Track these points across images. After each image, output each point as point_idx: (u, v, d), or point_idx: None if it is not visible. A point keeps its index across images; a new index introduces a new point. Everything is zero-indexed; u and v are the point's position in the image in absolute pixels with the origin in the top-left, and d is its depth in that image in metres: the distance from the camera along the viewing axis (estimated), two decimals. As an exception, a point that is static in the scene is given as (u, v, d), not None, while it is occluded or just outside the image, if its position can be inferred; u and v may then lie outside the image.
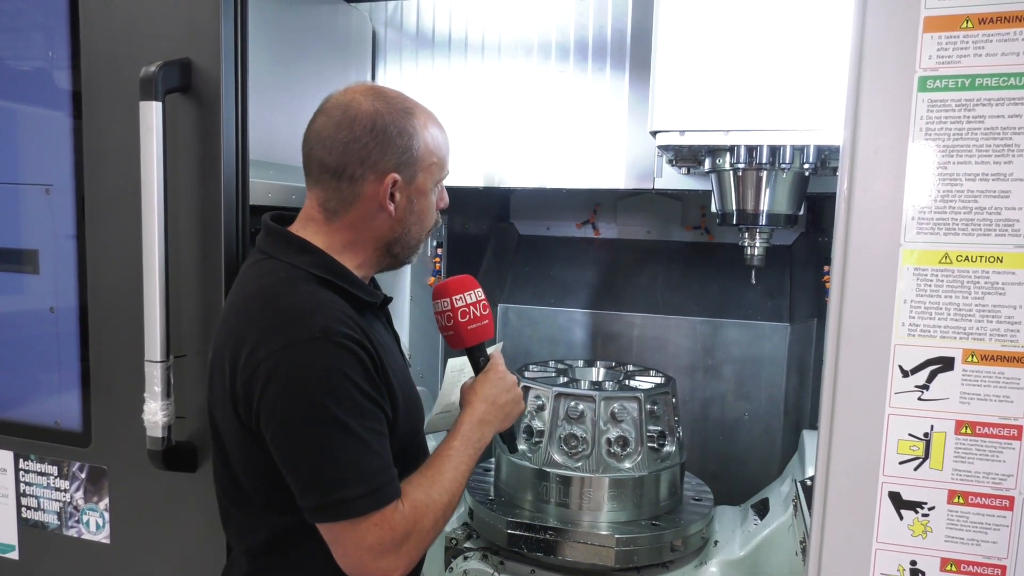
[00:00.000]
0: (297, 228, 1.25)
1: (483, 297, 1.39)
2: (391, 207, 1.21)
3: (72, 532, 1.62)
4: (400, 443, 1.22)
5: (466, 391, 1.36)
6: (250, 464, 1.18)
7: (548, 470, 1.95)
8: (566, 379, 2.14)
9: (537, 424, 2.00)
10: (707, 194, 2.09)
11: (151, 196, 1.34)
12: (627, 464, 1.94)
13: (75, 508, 1.61)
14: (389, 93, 1.24)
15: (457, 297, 1.36)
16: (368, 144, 1.17)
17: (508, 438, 1.45)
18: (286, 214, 1.30)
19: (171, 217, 1.38)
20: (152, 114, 1.29)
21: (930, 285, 1.05)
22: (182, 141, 1.38)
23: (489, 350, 1.43)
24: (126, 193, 1.41)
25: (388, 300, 1.32)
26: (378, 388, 1.15)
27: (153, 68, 1.29)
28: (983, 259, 1.03)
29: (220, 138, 1.36)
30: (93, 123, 1.46)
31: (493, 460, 2.20)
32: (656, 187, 2.09)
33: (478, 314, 1.37)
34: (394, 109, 1.20)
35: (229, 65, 1.35)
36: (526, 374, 2.12)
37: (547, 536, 1.89)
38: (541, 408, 2.00)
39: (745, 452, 2.67)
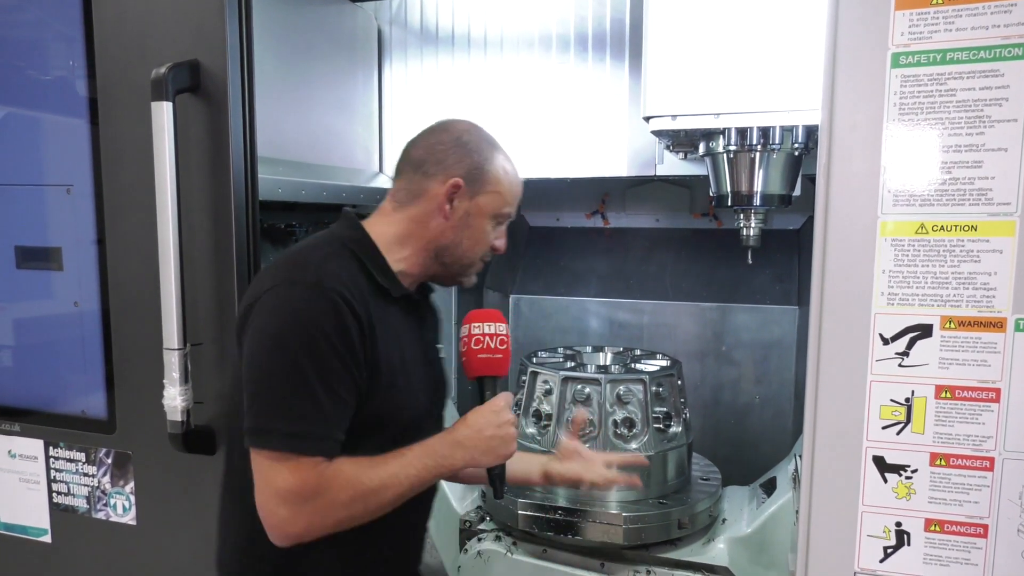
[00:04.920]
0: (367, 218, 1.35)
1: (504, 332, 1.40)
2: (447, 208, 1.30)
3: (100, 515, 1.70)
4: (382, 426, 1.25)
5: (460, 419, 1.35)
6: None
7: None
8: (573, 364, 2.19)
9: (545, 408, 2.04)
10: (712, 180, 2.11)
11: (165, 192, 1.41)
12: (634, 445, 1.97)
13: (103, 492, 1.69)
14: (484, 130, 1.38)
15: (476, 325, 1.39)
16: (449, 149, 1.31)
17: (495, 478, 1.39)
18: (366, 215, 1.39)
19: (184, 212, 1.45)
20: (163, 114, 1.36)
21: (907, 255, 1.08)
22: (193, 139, 1.45)
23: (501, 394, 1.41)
24: (142, 191, 1.49)
25: (413, 300, 1.35)
26: (353, 353, 1.17)
27: (163, 70, 1.37)
28: (958, 228, 1.06)
29: (229, 135, 1.42)
30: (109, 125, 1.54)
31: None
32: (658, 174, 2.13)
33: (492, 346, 1.38)
34: (482, 137, 1.36)
35: (235, 65, 1.42)
36: (534, 360, 2.17)
37: (557, 516, 1.94)
38: (549, 392, 2.05)
39: (757, 436, 2.69)
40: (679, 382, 2.09)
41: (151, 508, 1.65)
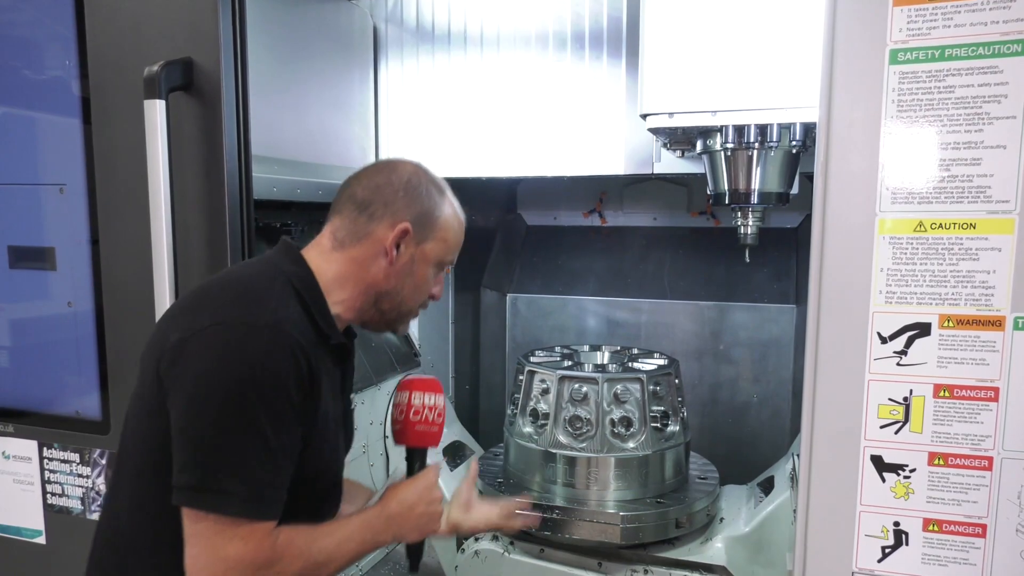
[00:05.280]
0: (304, 250, 1.27)
1: (442, 405, 1.39)
2: (393, 254, 1.23)
3: (95, 516, 1.69)
4: (315, 480, 1.19)
5: (389, 487, 1.31)
6: (152, 432, 1.10)
7: (554, 451, 1.99)
8: (571, 363, 2.18)
9: (543, 407, 2.04)
10: (709, 178, 2.10)
11: (158, 192, 1.40)
12: (631, 444, 1.97)
13: (97, 493, 1.68)
14: (431, 172, 1.31)
15: (416, 395, 1.37)
16: (397, 192, 1.24)
17: (412, 552, 1.39)
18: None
19: (178, 211, 1.44)
20: (156, 112, 1.35)
21: (906, 253, 1.07)
22: (186, 138, 1.44)
23: (430, 462, 1.41)
24: (135, 190, 1.48)
25: (345, 350, 1.27)
26: (304, 407, 1.10)
27: (156, 68, 1.36)
28: (956, 226, 1.05)
29: (222, 133, 1.41)
30: (102, 124, 1.53)
31: (503, 444, 2.24)
32: (655, 171, 2.12)
33: (430, 419, 1.37)
34: (430, 180, 1.29)
35: (229, 63, 1.41)
36: (531, 359, 2.17)
37: (555, 516, 1.93)
38: (546, 391, 2.04)
39: (755, 434, 2.69)
40: (677, 381, 2.09)
41: (146, 509, 1.64)
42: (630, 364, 2.14)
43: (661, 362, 2.13)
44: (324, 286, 1.22)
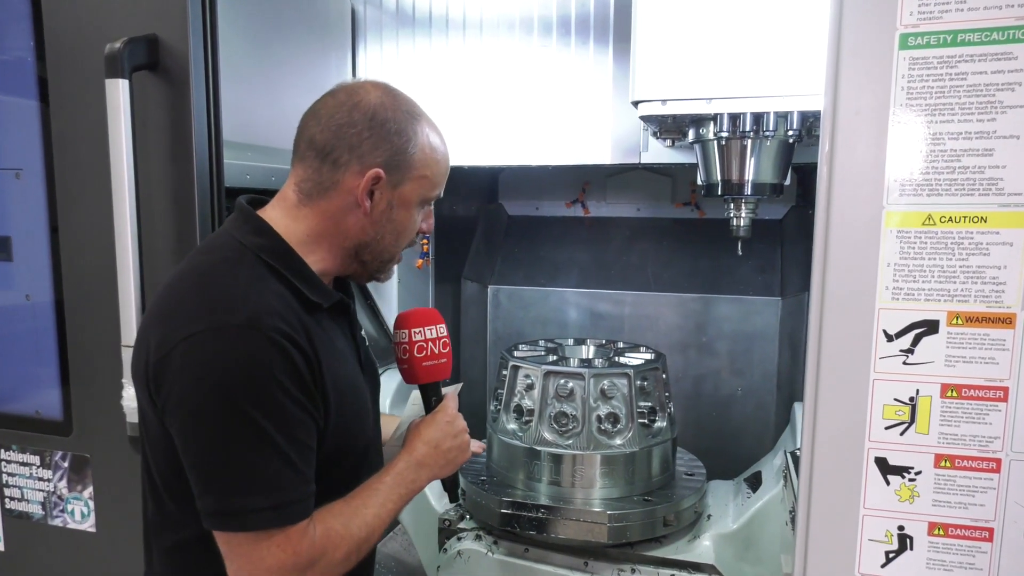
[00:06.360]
0: (267, 208, 1.17)
1: (445, 334, 1.32)
2: (367, 204, 1.12)
3: (57, 522, 1.61)
4: (342, 457, 1.14)
5: (411, 430, 1.28)
6: (159, 455, 1.08)
7: (539, 449, 1.94)
8: (556, 357, 2.13)
9: (527, 403, 1.98)
10: (695, 168, 2.06)
11: (122, 178, 1.32)
12: (618, 441, 1.92)
13: (59, 498, 1.60)
14: (401, 95, 1.17)
15: (416, 330, 1.29)
16: (362, 132, 1.10)
17: (450, 485, 1.37)
18: (267, 199, 1.22)
19: (144, 199, 1.36)
20: (119, 92, 1.27)
21: (914, 248, 1.03)
22: (152, 121, 1.36)
23: (445, 390, 1.36)
24: (97, 175, 1.39)
25: (344, 304, 1.20)
26: (309, 393, 1.04)
27: (118, 45, 1.27)
28: (967, 219, 1.01)
29: (191, 116, 1.33)
30: (60, 104, 1.44)
31: (485, 441, 2.19)
32: (642, 161, 2.07)
33: (436, 351, 1.30)
34: (400, 109, 1.14)
35: (198, 41, 1.33)
36: (515, 353, 2.11)
37: (540, 514, 1.88)
38: (530, 387, 1.99)
39: (739, 428, 2.67)
40: (664, 376, 2.05)
41: (112, 514, 1.56)
42: (616, 358, 2.10)
43: (648, 356, 2.09)
44: (298, 247, 1.13)
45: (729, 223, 1.78)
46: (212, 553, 1.04)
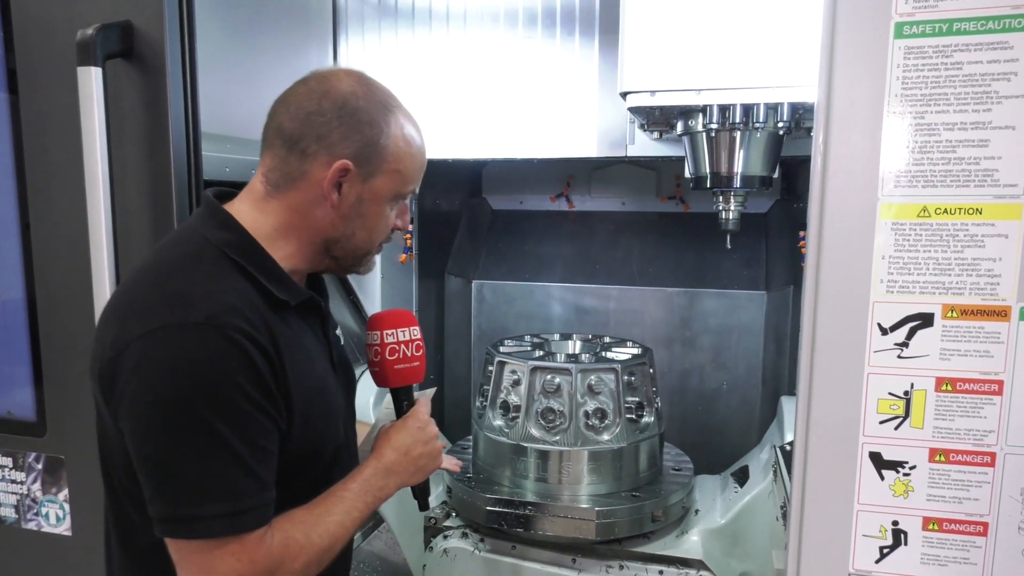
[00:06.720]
0: (235, 201, 1.12)
1: (419, 337, 1.28)
2: (334, 197, 1.07)
3: (32, 525, 1.56)
4: (309, 461, 1.10)
5: (381, 434, 1.23)
6: (116, 458, 1.03)
7: (526, 445, 1.92)
8: (542, 353, 2.11)
9: (513, 399, 1.96)
10: (681, 162, 2.05)
11: (96, 170, 1.27)
12: (605, 436, 1.91)
13: (33, 500, 1.55)
14: (376, 84, 1.12)
15: (388, 332, 1.25)
16: (331, 122, 1.05)
17: (420, 493, 1.32)
18: (236, 191, 1.16)
19: (119, 193, 1.31)
20: (91, 81, 1.21)
21: (908, 240, 1.02)
22: (127, 111, 1.31)
23: (418, 394, 1.32)
24: (70, 168, 1.34)
25: (314, 302, 1.15)
26: (270, 396, 0.98)
27: (91, 31, 1.22)
28: (962, 211, 1.00)
29: (167, 106, 1.29)
30: (30, 94, 1.38)
31: (471, 437, 2.16)
32: (629, 154, 2.05)
33: (408, 354, 1.27)
34: (373, 99, 1.09)
35: (174, 28, 1.28)
36: (501, 349, 2.08)
37: (527, 512, 1.87)
38: (517, 383, 1.96)
39: (724, 422, 2.67)
40: (651, 370, 2.03)
41: (88, 517, 1.51)
42: (603, 353, 2.08)
43: (635, 351, 2.08)
44: (265, 242, 1.07)
45: (717, 216, 1.76)
46: (172, 561, 0.99)
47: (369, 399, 2.15)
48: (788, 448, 1.72)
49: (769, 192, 2.56)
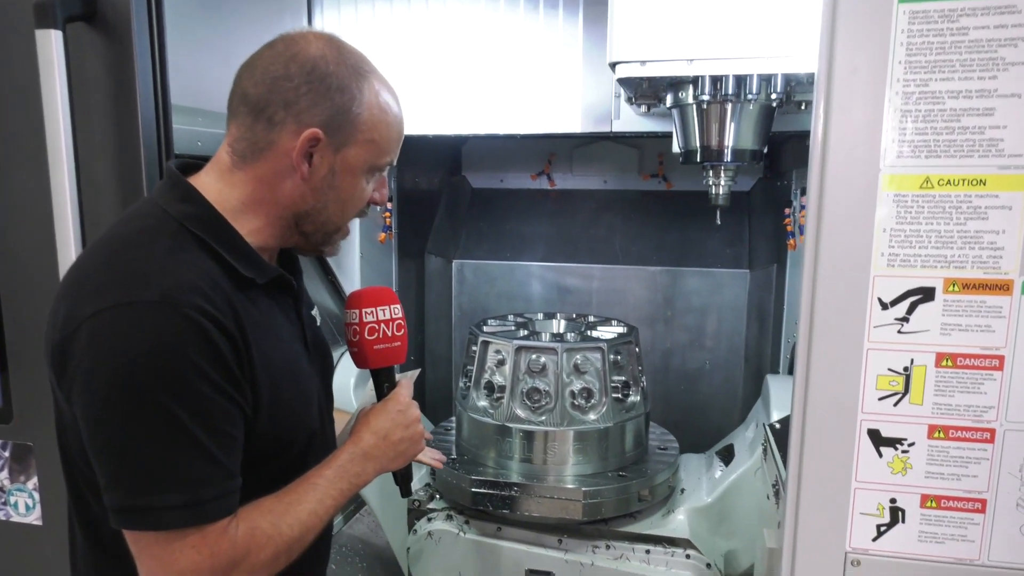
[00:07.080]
0: (200, 173, 1.05)
1: (400, 315, 1.22)
2: (304, 168, 1.00)
3: (0, 515, 1.50)
4: (280, 447, 1.05)
5: (360, 418, 1.18)
6: (73, 444, 0.98)
7: (511, 426, 1.89)
8: (526, 332, 2.07)
9: (498, 379, 1.93)
10: (665, 141, 2.01)
11: (58, 143, 1.19)
12: (592, 416, 1.89)
13: (1, 490, 1.48)
14: (348, 47, 1.05)
15: (367, 311, 1.19)
16: (299, 87, 0.98)
17: (402, 479, 1.27)
18: (203, 163, 1.09)
19: (84, 167, 1.24)
20: (51, 45, 1.14)
21: (911, 212, 0.99)
22: (91, 79, 1.24)
23: (400, 376, 1.26)
24: (30, 141, 1.27)
25: (284, 280, 1.08)
26: (233, 379, 0.93)
27: (49, -8, 1.14)
28: (965, 182, 0.97)
29: (135, 75, 1.22)
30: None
31: (454, 418, 2.13)
32: (614, 130, 2.01)
33: (389, 334, 1.20)
34: (345, 63, 1.01)
35: (140, -9, 1.21)
36: (485, 329, 2.04)
37: (512, 493, 1.84)
38: (501, 363, 1.93)
39: (707, 401, 2.67)
40: (636, 349, 2.01)
41: (59, 506, 1.45)
42: (588, 332, 2.05)
43: (620, 330, 2.05)
44: (231, 216, 1.01)
45: (707, 192, 1.73)
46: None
47: (350, 382, 2.11)
48: (777, 427, 1.71)
49: (752, 170, 2.54)
